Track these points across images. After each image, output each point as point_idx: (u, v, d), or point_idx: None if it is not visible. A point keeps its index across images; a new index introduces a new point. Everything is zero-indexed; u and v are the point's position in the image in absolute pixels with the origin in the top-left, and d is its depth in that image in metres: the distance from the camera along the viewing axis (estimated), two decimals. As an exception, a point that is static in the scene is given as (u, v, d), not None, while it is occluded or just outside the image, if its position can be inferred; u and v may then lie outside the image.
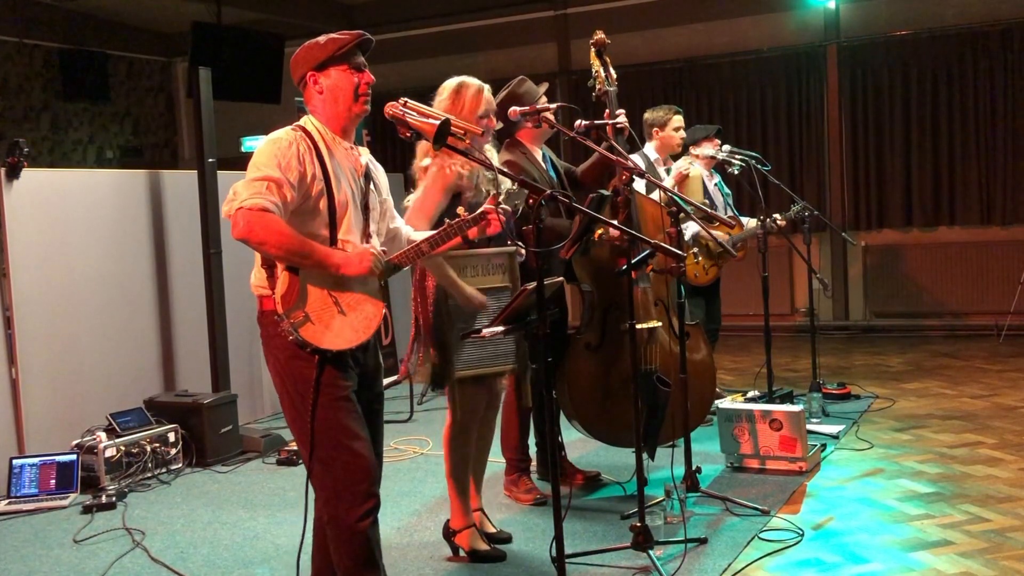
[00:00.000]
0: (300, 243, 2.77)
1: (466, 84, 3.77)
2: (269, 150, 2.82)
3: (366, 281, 2.91)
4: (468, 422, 3.77)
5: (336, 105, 2.93)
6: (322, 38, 2.94)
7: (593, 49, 4.62)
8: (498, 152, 4.18)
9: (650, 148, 5.77)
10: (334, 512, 2.86)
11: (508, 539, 3.97)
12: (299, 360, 2.84)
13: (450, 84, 3.79)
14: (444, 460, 3.83)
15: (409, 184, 3.84)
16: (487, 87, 3.82)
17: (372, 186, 3.05)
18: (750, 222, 5.97)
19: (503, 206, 3.12)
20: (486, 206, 3.11)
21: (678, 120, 5.75)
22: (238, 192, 2.77)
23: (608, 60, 4.64)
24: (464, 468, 3.82)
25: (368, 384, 3.02)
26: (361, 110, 2.96)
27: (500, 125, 4.03)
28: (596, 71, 4.61)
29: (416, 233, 3.30)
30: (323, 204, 2.87)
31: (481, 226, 3.09)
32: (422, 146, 3.67)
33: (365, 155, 3.09)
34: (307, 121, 2.96)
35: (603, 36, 4.62)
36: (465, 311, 3.61)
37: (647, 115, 5.82)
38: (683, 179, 5.52)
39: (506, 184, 3.65)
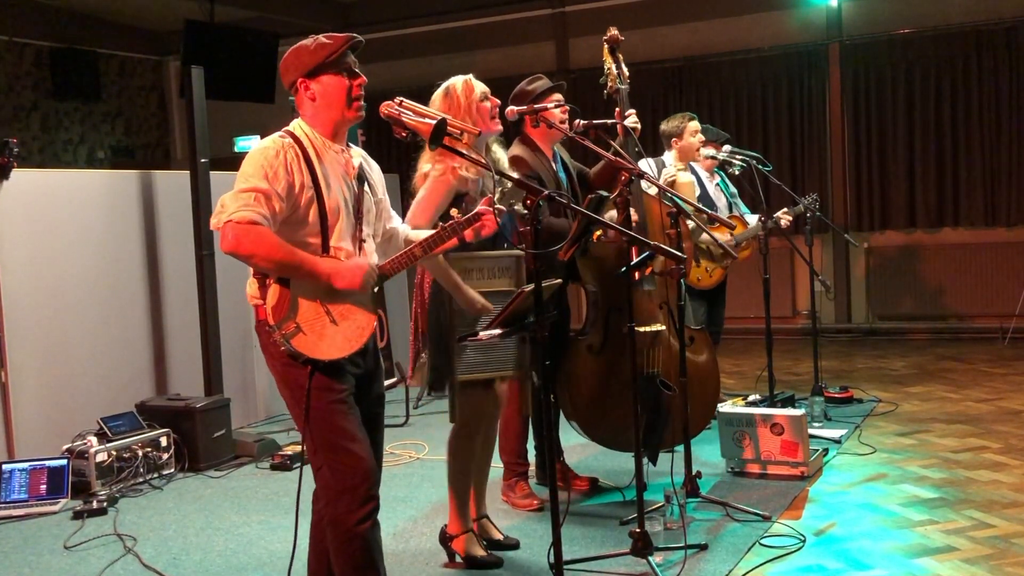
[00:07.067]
0: (289, 255, 2.74)
1: (451, 82, 3.69)
2: (256, 160, 2.78)
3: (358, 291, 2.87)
4: (471, 428, 3.71)
5: (330, 111, 2.89)
6: (310, 43, 2.88)
7: (606, 46, 4.60)
8: (507, 149, 4.12)
9: (670, 156, 5.79)
10: (334, 514, 2.85)
11: (515, 545, 3.92)
12: (294, 368, 2.85)
13: (438, 91, 3.70)
14: (446, 465, 3.77)
15: (406, 184, 3.76)
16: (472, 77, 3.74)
17: (367, 187, 3.00)
18: (755, 220, 5.90)
19: (498, 206, 3.06)
20: (480, 207, 3.04)
21: (693, 126, 5.76)
22: (226, 204, 2.73)
23: (621, 57, 4.60)
24: (465, 474, 3.76)
25: (368, 387, 3.00)
26: (355, 116, 2.91)
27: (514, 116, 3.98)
28: (608, 68, 4.59)
29: (415, 233, 3.25)
30: (313, 213, 2.83)
31: (476, 227, 3.04)
32: (424, 155, 3.60)
33: (358, 155, 3.03)
34: (296, 126, 2.91)
35: (616, 33, 4.59)
36: (467, 314, 3.54)
37: (662, 126, 5.84)
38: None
39: (508, 182, 3.58)
